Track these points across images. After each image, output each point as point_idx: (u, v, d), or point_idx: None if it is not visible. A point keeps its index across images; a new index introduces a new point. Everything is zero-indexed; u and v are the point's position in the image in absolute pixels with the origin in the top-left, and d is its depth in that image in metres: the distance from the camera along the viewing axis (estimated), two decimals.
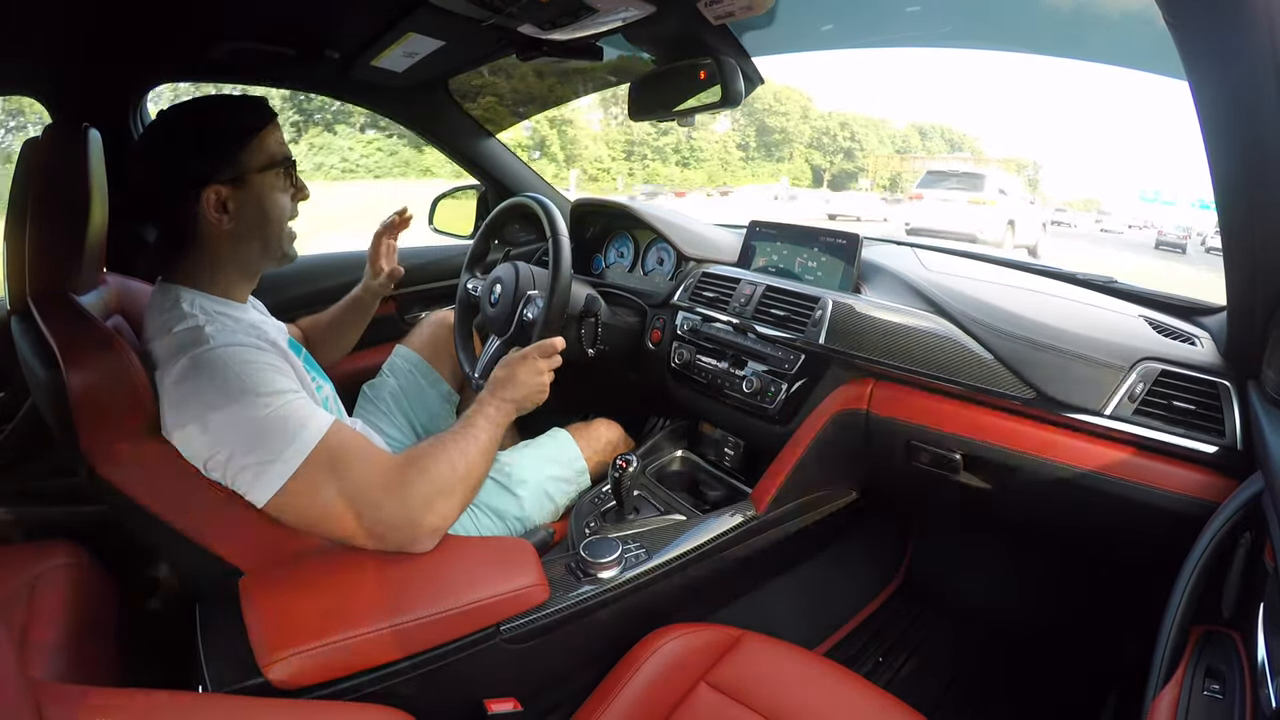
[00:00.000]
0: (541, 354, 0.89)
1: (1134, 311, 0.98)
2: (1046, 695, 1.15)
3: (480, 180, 1.73)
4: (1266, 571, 0.57)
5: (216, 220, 0.75)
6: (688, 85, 1.06)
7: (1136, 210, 29.86)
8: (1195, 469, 0.76)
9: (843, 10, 1.23)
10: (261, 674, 0.61)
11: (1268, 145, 0.56)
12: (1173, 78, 0.65)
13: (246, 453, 0.66)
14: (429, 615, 0.70)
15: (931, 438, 0.94)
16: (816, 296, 1.07)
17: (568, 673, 0.86)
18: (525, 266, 1.16)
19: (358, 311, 1.21)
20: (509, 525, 1.02)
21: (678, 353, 1.23)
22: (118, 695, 0.52)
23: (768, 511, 1.04)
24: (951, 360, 0.92)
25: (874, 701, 0.73)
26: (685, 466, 1.29)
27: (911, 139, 54.30)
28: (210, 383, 0.67)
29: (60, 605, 0.82)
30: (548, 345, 0.90)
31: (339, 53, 1.23)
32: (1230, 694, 0.56)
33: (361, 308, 1.21)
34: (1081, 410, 0.82)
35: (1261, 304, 0.68)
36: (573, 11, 0.90)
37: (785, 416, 1.09)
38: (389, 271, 1.19)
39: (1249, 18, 0.50)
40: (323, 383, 0.92)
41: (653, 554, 0.92)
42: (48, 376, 0.68)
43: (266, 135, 0.78)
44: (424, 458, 0.74)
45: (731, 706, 0.73)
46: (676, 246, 1.34)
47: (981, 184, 8.61)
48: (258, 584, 0.68)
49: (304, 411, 0.69)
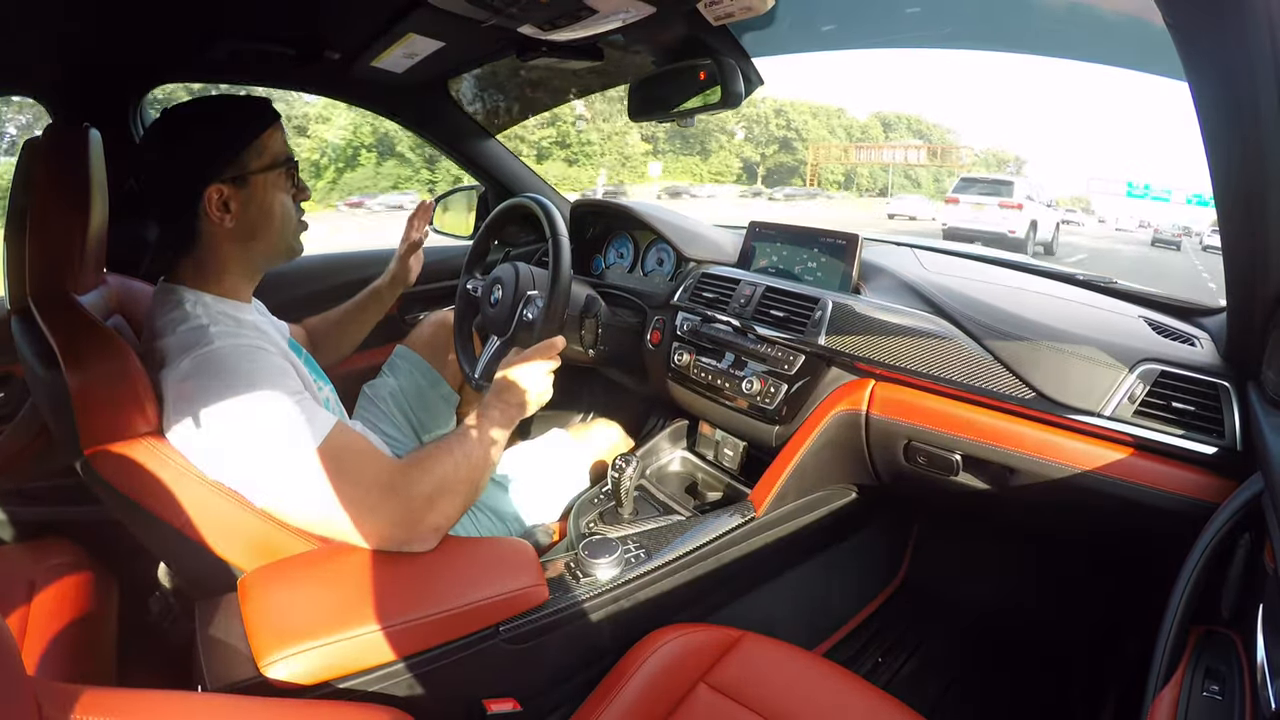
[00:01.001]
0: (542, 355, 0.89)
1: (1134, 312, 0.99)
2: (1046, 695, 1.15)
3: (480, 180, 1.73)
4: (1266, 572, 0.57)
5: (218, 219, 0.75)
6: (687, 86, 1.07)
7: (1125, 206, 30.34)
8: (1195, 470, 0.76)
9: (843, 11, 1.23)
10: (261, 673, 0.61)
11: (1267, 146, 0.56)
12: (1173, 78, 0.65)
13: (249, 453, 0.66)
14: (429, 615, 0.70)
15: (931, 438, 0.94)
16: (816, 297, 1.07)
17: (568, 673, 0.86)
18: (525, 267, 1.16)
19: (373, 305, 1.23)
20: (509, 525, 1.02)
21: (677, 353, 1.23)
22: (118, 695, 0.52)
23: (767, 512, 1.04)
24: (951, 360, 0.92)
25: (874, 702, 0.74)
26: (685, 467, 1.30)
27: (873, 129, 50.78)
28: (213, 383, 0.67)
29: (60, 605, 0.82)
30: (548, 346, 0.90)
31: (339, 53, 1.23)
32: (1230, 694, 0.56)
33: (379, 301, 1.23)
34: (1081, 411, 0.82)
35: (1261, 305, 0.68)
36: (573, 12, 0.90)
37: (785, 417, 1.09)
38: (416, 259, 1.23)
39: (1249, 18, 0.50)
40: (323, 384, 0.92)
41: (652, 554, 0.92)
42: (48, 376, 0.68)
43: (269, 136, 0.78)
44: (427, 459, 0.74)
45: (731, 707, 0.73)
46: (676, 247, 1.34)
47: (1011, 190, 9.70)
48: (257, 583, 0.68)
49: (307, 412, 0.69)
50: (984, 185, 9.95)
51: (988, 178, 10.43)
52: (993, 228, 9.26)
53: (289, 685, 0.62)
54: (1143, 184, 28.25)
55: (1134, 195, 28.52)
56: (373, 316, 1.23)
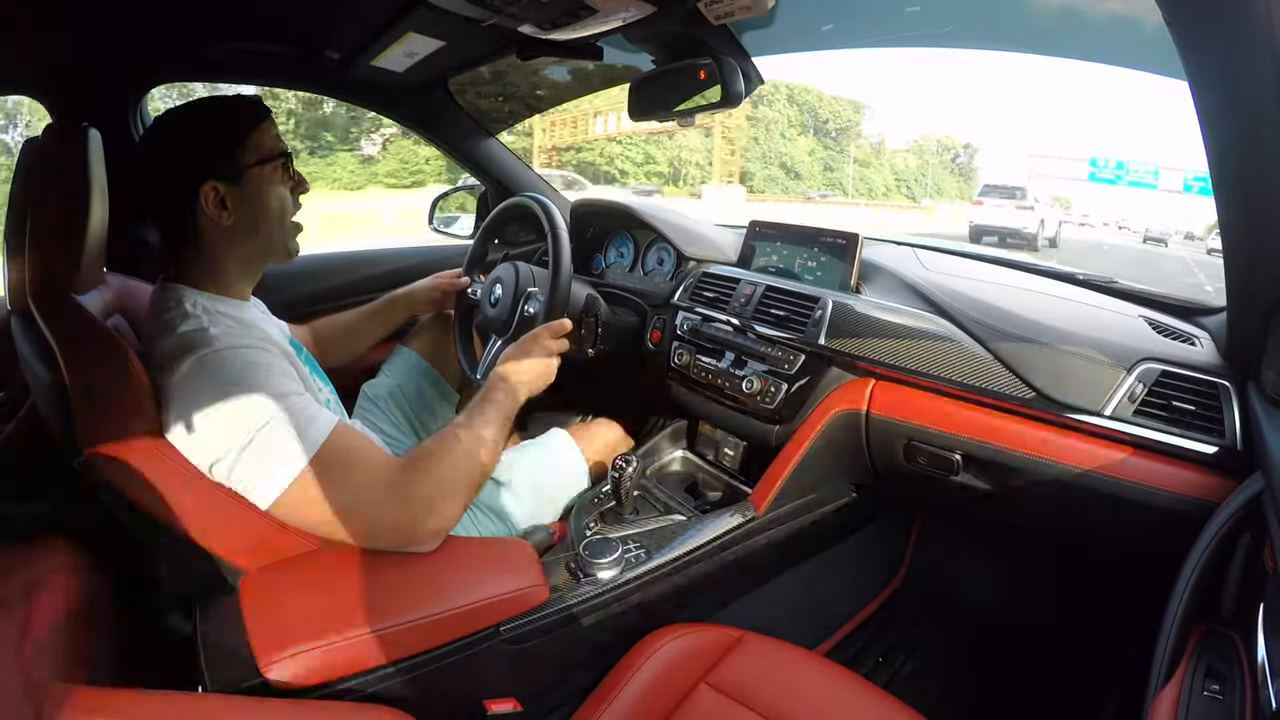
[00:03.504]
0: (551, 334, 0.90)
1: (1134, 311, 0.98)
2: (1046, 695, 1.15)
3: (480, 180, 1.73)
4: (1266, 572, 0.57)
5: (215, 216, 0.76)
6: (688, 85, 1.06)
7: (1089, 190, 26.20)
8: (1195, 469, 0.76)
9: (843, 10, 1.23)
10: (261, 674, 0.61)
11: (1267, 145, 0.56)
12: (1173, 78, 0.65)
13: (251, 454, 0.66)
14: (429, 615, 0.70)
15: (931, 438, 0.94)
16: (816, 296, 1.07)
17: (568, 673, 0.86)
18: (525, 266, 1.16)
19: (385, 315, 1.23)
20: (509, 525, 1.02)
21: (677, 353, 1.23)
22: (118, 695, 0.52)
23: (767, 512, 1.04)
24: (951, 360, 0.92)
25: (874, 702, 0.73)
26: (685, 467, 1.29)
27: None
28: (215, 385, 0.67)
29: (60, 605, 0.82)
30: (556, 326, 0.92)
31: (339, 53, 1.23)
32: (1230, 694, 0.56)
33: (391, 311, 1.23)
34: (1081, 410, 0.82)
35: (1261, 304, 0.68)
36: (573, 11, 0.90)
37: (785, 416, 1.08)
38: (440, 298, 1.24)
39: (1248, 17, 0.50)
40: (323, 384, 0.92)
41: (653, 554, 0.92)
42: (48, 376, 0.68)
43: (261, 132, 0.79)
44: (428, 458, 0.74)
45: (732, 707, 0.73)
46: (676, 246, 1.34)
47: (1026, 194, 12.20)
48: (258, 584, 0.68)
49: (309, 413, 0.69)
50: (1002, 190, 12.41)
51: (1004, 185, 12.78)
52: (1010, 224, 11.61)
53: (289, 686, 0.62)
54: (1111, 163, 19.57)
55: (1101, 180, 19.92)
56: (382, 328, 1.24)
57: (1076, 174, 21.35)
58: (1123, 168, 19.44)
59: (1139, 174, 19.18)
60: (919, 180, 39.52)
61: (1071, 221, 23.12)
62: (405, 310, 1.25)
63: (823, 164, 34.84)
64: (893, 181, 38.01)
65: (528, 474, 1.07)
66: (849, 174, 35.53)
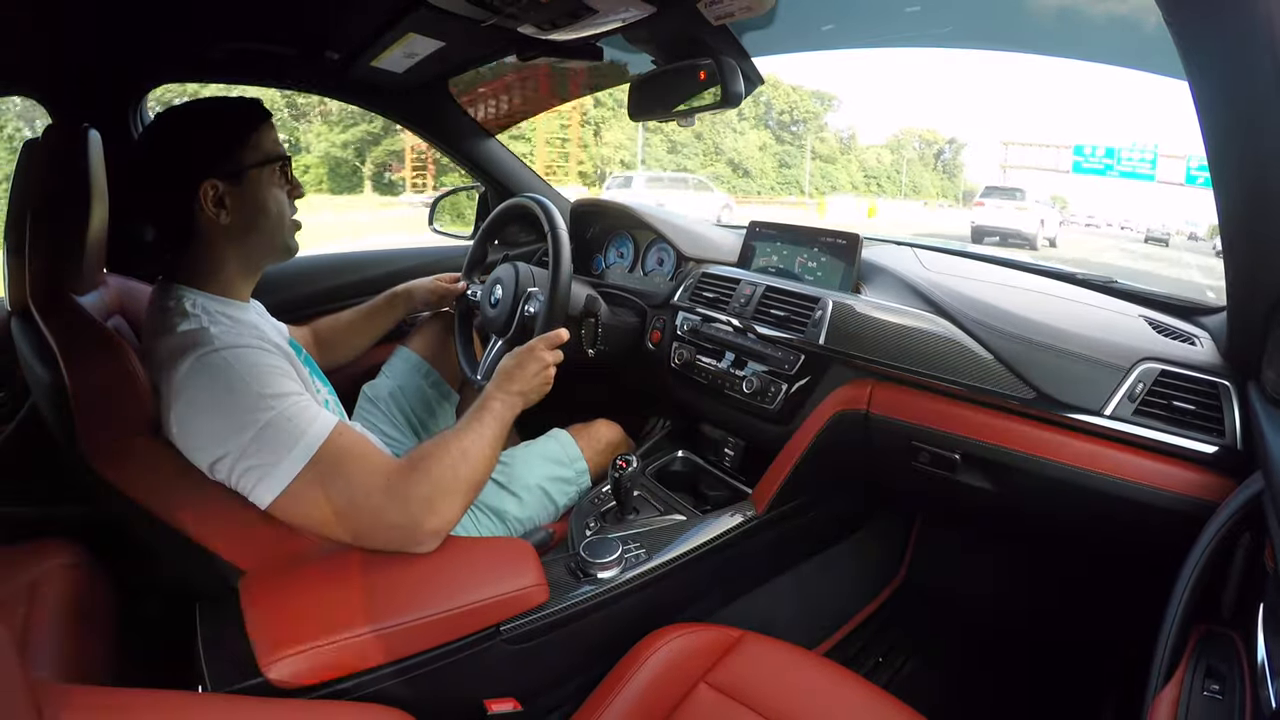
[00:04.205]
0: (547, 345, 0.90)
1: (1134, 311, 0.98)
2: (1046, 695, 1.15)
3: (480, 181, 1.73)
4: (1266, 571, 0.57)
5: (214, 216, 0.76)
6: (687, 86, 1.07)
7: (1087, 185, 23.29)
8: (1195, 469, 0.76)
9: (843, 10, 1.23)
10: (261, 674, 0.61)
11: (1267, 145, 0.56)
12: (1173, 78, 0.65)
13: (252, 454, 0.66)
14: (429, 615, 0.70)
15: (931, 438, 0.94)
16: (816, 297, 1.07)
17: (568, 673, 0.86)
18: (525, 266, 1.16)
19: (384, 313, 1.24)
20: (509, 525, 1.02)
21: (678, 353, 1.23)
22: (118, 695, 0.52)
23: (768, 511, 1.04)
24: (951, 360, 0.92)
25: (874, 701, 0.73)
26: (685, 467, 1.29)
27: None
28: (215, 385, 0.67)
29: (60, 605, 0.82)
30: (553, 337, 0.91)
31: (339, 53, 1.23)
32: (1230, 694, 0.56)
33: (392, 308, 1.24)
34: (1081, 410, 0.82)
35: (1261, 304, 0.68)
36: (573, 12, 0.90)
37: (785, 417, 1.08)
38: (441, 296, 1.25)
39: (1248, 17, 0.50)
40: (322, 385, 0.92)
41: (653, 554, 0.92)
42: (48, 376, 0.68)
43: (261, 133, 0.79)
44: (427, 459, 0.74)
45: (732, 707, 0.73)
46: (676, 247, 1.34)
47: (1025, 195, 12.40)
48: (258, 584, 0.68)
49: (309, 413, 0.69)
50: (1002, 192, 12.69)
51: (1005, 187, 13.14)
52: (1011, 224, 11.86)
53: (289, 685, 0.62)
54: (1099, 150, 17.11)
55: (1088, 170, 17.27)
56: (381, 325, 1.24)
57: (1059, 164, 18.67)
58: (1113, 155, 16.96)
59: (1133, 163, 16.70)
60: (892, 177, 37.65)
61: (1076, 222, 22.17)
62: (404, 307, 1.25)
63: (777, 160, 31.65)
64: (860, 179, 34.97)
65: (528, 474, 1.07)
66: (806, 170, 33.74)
